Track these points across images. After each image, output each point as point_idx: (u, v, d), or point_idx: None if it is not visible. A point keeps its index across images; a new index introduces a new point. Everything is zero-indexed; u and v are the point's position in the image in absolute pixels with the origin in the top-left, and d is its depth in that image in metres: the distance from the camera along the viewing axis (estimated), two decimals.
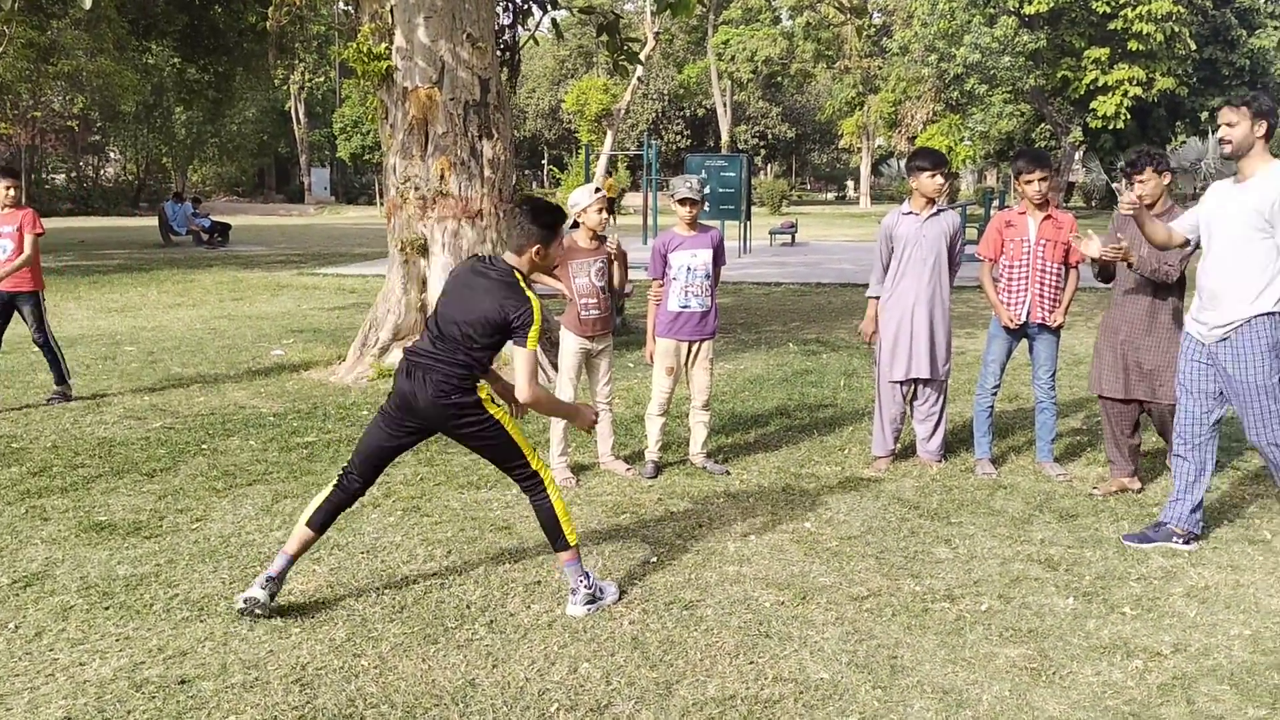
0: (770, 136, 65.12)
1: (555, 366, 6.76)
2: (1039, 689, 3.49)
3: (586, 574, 4.13)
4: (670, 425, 6.39)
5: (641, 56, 41.50)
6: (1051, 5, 28.00)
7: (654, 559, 4.66)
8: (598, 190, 5.75)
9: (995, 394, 6.18)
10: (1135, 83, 28.52)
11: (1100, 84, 29.13)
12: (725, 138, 58.26)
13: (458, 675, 3.55)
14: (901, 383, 6.09)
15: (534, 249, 4.05)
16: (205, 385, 8.47)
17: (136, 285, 16.16)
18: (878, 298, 6.18)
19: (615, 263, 5.87)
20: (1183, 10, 28.10)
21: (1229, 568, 4.59)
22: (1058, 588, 4.35)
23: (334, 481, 4.13)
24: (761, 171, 69.20)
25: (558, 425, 5.85)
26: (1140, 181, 5.41)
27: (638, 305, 13.31)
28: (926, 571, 4.54)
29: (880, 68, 37.64)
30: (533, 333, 3.89)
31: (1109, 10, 27.91)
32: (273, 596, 3.98)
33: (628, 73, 15.01)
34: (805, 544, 4.87)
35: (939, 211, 5.99)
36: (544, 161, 69.00)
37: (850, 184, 72.14)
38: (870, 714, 3.31)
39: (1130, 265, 5.40)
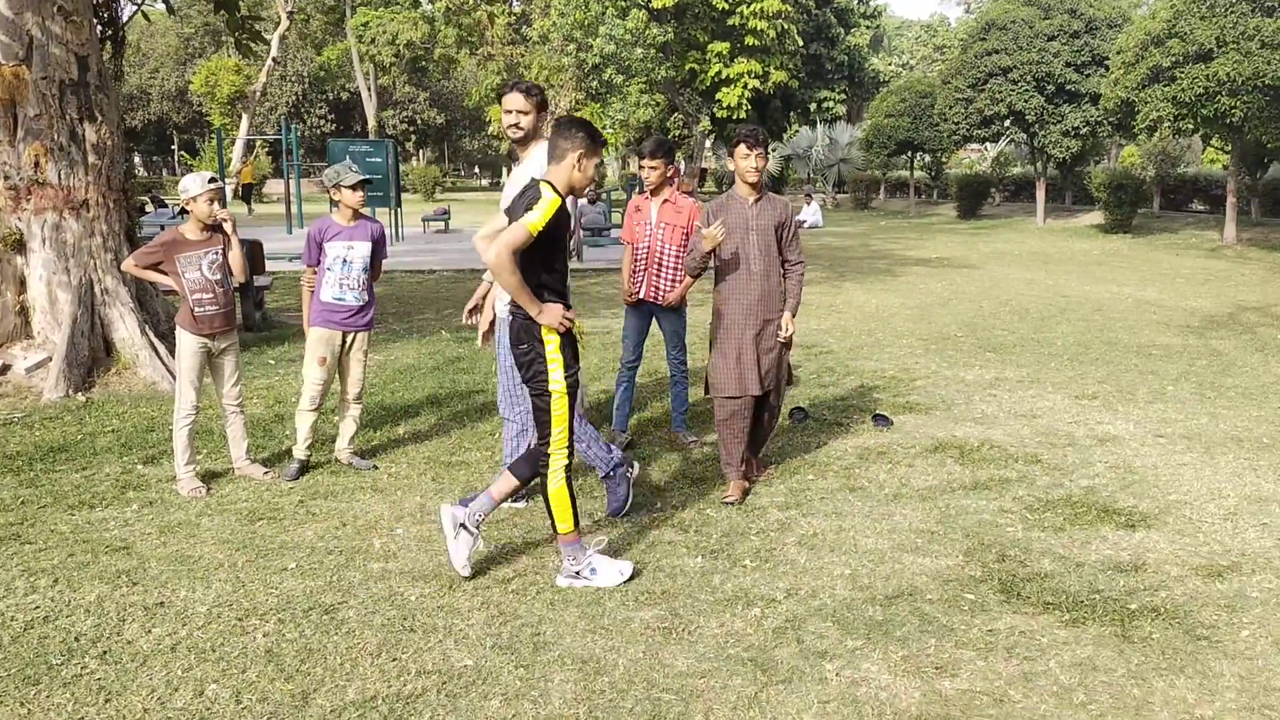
0: (420, 122, 64.10)
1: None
2: (670, 646, 3.69)
3: (582, 552, 4.23)
4: (317, 422, 6.12)
5: (276, 36, 39.28)
6: (676, 0, 29.65)
7: (293, 564, 4.45)
8: (212, 179, 5.38)
9: (634, 369, 6.47)
10: (753, 76, 30.87)
11: (724, 76, 31.27)
12: (372, 122, 56.68)
13: (63, 717, 3.21)
14: None
15: (577, 154, 4.06)
16: None
17: None
18: (490, 282, 6.26)
19: (231, 246, 5.48)
20: (790, 9, 30.71)
21: (833, 514, 5.10)
22: (688, 548, 4.64)
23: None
24: (413, 158, 68.10)
25: (182, 432, 5.44)
26: (758, 154, 5.34)
27: (280, 298, 12.67)
28: None
29: (523, 55, 38.08)
30: (535, 215, 3.91)
31: (727, 7, 29.96)
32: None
33: (253, 53, 14.19)
34: None
35: None
36: (174, 146, 63.85)
37: (505, 170, 72.66)
38: (512, 694, 3.36)
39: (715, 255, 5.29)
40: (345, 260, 5.70)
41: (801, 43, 33.31)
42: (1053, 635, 3.81)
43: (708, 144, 41.25)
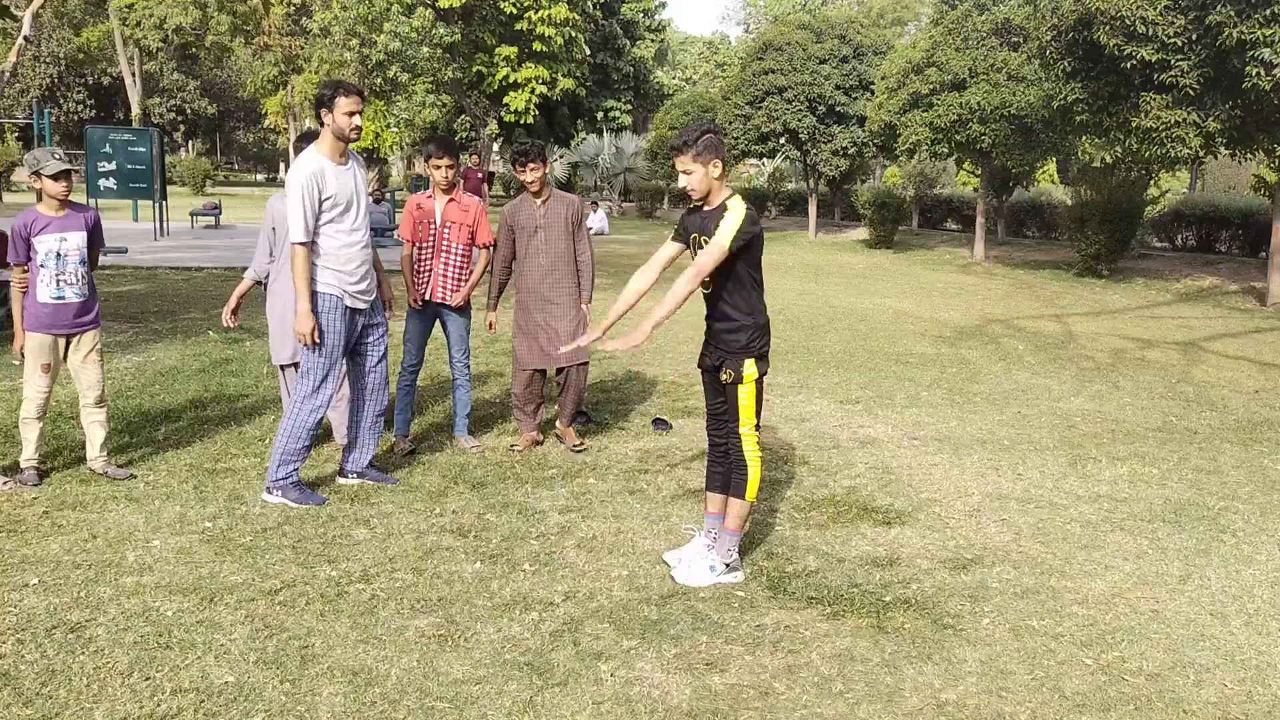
0: (189, 111, 60.59)
1: None
2: (445, 654, 3.65)
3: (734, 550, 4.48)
4: (64, 430, 5.67)
5: (29, 13, 36.33)
6: (464, 1, 29.32)
7: (35, 580, 4.11)
8: None
9: (415, 372, 6.35)
10: (541, 82, 30.94)
11: (512, 81, 31.17)
12: (136, 110, 53.17)
13: None
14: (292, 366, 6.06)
15: (719, 166, 4.50)
16: None
17: None
18: (256, 281, 6.04)
19: None
20: (578, 18, 30.98)
21: (613, 517, 5.18)
22: (467, 554, 4.60)
23: None
24: (182, 149, 64.34)
25: None
26: (531, 169, 6.02)
27: None
28: (344, 555, 4.54)
29: (303, 48, 36.72)
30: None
31: (515, 11, 29.90)
32: None
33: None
34: (217, 543, 4.62)
35: None
36: None
37: (281, 165, 69.69)
38: (277, 710, 3.23)
39: None
40: (59, 254, 5.27)
41: (589, 52, 33.72)
42: (815, 628, 4.00)
43: (495, 147, 41.04)
